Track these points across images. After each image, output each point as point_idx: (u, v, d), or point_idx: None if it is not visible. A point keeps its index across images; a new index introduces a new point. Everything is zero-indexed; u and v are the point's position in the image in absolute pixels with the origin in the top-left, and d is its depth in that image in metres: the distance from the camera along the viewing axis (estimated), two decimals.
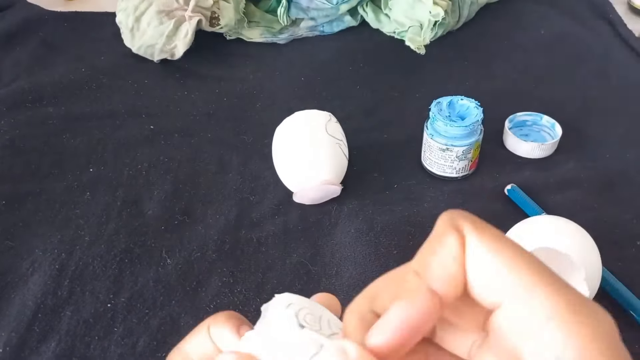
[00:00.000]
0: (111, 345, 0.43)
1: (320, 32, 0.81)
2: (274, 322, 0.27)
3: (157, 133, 0.64)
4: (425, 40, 0.75)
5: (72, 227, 0.52)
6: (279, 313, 0.27)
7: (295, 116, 0.53)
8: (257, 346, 0.27)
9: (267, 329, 0.27)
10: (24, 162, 0.59)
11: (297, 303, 0.28)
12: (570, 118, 0.65)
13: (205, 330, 0.32)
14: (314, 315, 0.28)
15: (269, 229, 0.53)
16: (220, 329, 0.30)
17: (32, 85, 0.70)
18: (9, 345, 0.43)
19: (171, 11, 0.72)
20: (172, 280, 0.48)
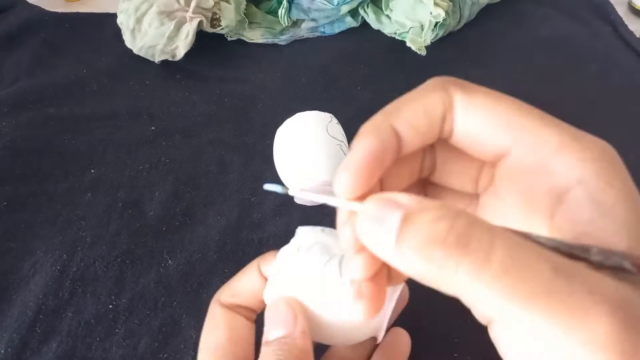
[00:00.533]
0: (112, 347, 0.43)
1: (321, 33, 0.81)
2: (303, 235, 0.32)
3: (158, 134, 0.64)
4: (426, 41, 0.75)
5: (74, 228, 0.52)
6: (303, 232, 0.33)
7: (297, 117, 0.53)
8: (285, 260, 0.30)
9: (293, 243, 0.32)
10: (25, 163, 0.59)
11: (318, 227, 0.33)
12: (571, 119, 0.64)
13: (256, 269, 0.33)
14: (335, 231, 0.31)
15: (270, 230, 0.53)
16: (270, 265, 0.32)
17: (33, 86, 0.70)
18: (10, 347, 0.43)
19: (172, 12, 0.72)
20: (173, 281, 0.48)
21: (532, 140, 0.22)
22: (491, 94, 0.23)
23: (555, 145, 0.21)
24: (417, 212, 0.19)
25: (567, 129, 0.22)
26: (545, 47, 0.79)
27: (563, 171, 0.21)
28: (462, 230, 0.17)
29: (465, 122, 0.23)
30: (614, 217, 0.20)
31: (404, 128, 0.23)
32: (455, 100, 0.23)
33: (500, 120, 0.22)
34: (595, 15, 0.85)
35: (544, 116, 0.22)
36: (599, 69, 0.75)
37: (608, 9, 0.85)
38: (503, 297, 0.17)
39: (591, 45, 0.79)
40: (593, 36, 0.81)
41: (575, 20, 0.84)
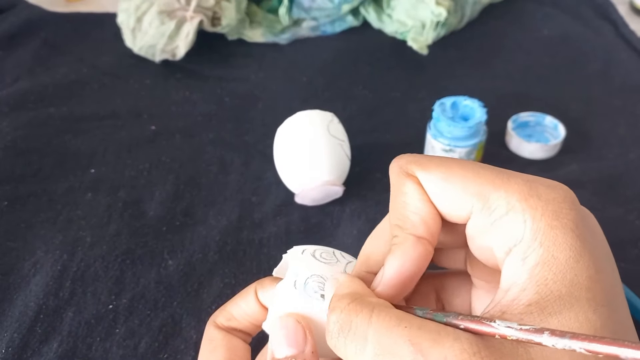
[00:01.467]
0: (113, 347, 0.43)
1: (322, 32, 0.81)
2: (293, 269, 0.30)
3: (158, 133, 0.64)
4: (428, 40, 0.75)
5: (74, 228, 0.52)
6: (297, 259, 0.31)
7: (297, 117, 0.53)
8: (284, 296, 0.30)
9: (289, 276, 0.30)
10: (26, 163, 0.59)
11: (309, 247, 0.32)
12: (573, 118, 0.65)
13: (253, 294, 0.33)
14: (327, 252, 0.32)
15: (270, 230, 0.53)
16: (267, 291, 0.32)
17: (34, 86, 0.70)
18: (11, 346, 0.43)
19: (173, 11, 0.72)
20: (173, 281, 0.48)
21: (485, 205, 0.24)
22: (444, 164, 0.26)
23: (504, 208, 0.23)
24: (333, 298, 0.25)
25: (517, 188, 0.23)
26: (547, 47, 0.79)
27: (509, 231, 0.23)
28: (343, 324, 0.23)
29: (432, 195, 0.26)
30: (533, 275, 0.22)
31: (424, 232, 0.25)
32: (421, 181, 0.26)
33: (456, 190, 0.25)
34: (597, 14, 0.85)
35: (496, 177, 0.24)
36: (600, 68, 0.75)
37: (609, 8, 0.85)
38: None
39: (592, 45, 0.79)
40: (594, 35, 0.81)
41: (577, 20, 0.84)
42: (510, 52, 0.78)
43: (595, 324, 0.21)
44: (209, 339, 0.33)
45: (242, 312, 0.33)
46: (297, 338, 0.28)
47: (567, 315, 0.21)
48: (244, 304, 0.33)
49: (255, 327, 0.34)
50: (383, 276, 0.25)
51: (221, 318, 0.34)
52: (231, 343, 0.32)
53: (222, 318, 0.34)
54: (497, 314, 0.22)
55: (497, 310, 0.22)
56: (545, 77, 0.73)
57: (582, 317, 0.21)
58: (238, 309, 0.33)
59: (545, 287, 0.21)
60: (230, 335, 0.33)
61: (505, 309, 0.22)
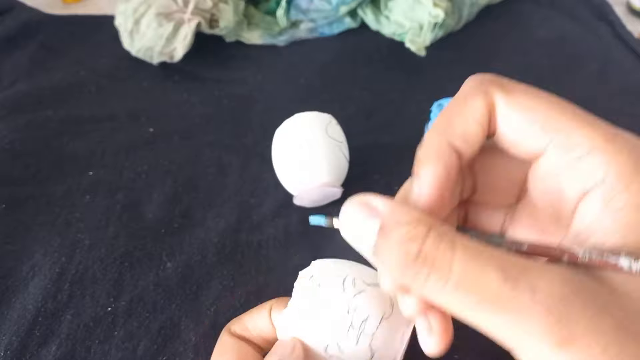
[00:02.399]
0: (112, 349, 0.43)
1: (320, 34, 0.81)
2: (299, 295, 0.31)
3: (156, 136, 0.64)
4: (426, 41, 0.75)
5: (72, 231, 0.52)
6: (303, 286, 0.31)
7: (295, 118, 0.53)
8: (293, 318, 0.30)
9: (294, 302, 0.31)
10: (24, 166, 0.59)
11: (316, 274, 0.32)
12: None
13: (267, 311, 0.34)
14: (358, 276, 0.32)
15: (269, 232, 0.53)
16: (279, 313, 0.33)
17: (32, 88, 0.69)
18: (9, 349, 0.43)
19: (170, 14, 0.72)
20: (172, 283, 0.48)
21: (565, 141, 0.23)
22: (530, 93, 0.24)
23: (587, 147, 0.22)
24: (391, 226, 0.21)
25: (601, 130, 0.23)
26: (544, 48, 0.79)
27: (589, 172, 0.22)
28: (429, 251, 0.20)
29: (506, 122, 0.24)
30: (618, 219, 0.21)
31: (461, 144, 0.24)
32: (497, 102, 0.24)
33: (538, 121, 0.23)
34: (594, 15, 0.85)
35: (581, 116, 0.23)
36: (597, 69, 0.75)
37: (607, 9, 0.86)
38: (459, 305, 0.20)
39: (590, 46, 0.79)
40: (592, 36, 0.81)
41: (574, 21, 0.84)
42: (507, 53, 0.78)
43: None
44: (222, 344, 0.34)
45: (255, 327, 0.34)
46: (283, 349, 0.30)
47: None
48: (258, 319, 0.34)
49: (265, 343, 0.34)
50: (421, 183, 0.24)
51: (236, 327, 0.34)
52: (243, 350, 0.33)
53: (237, 327, 0.34)
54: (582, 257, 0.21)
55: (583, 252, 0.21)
56: (542, 78, 0.73)
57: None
58: (253, 323, 0.34)
59: (633, 232, 0.21)
60: (243, 343, 0.33)
61: None
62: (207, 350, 0.43)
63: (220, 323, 0.44)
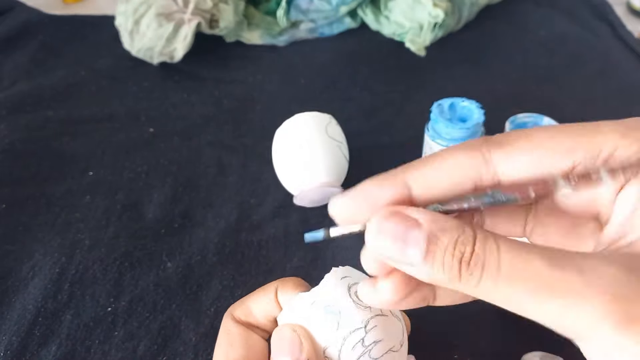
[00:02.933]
0: (112, 349, 0.43)
1: (320, 34, 0.81)
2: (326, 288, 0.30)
3: (156, 136, 0.64)
4: (426, 41, 0.75)
5: (72, 231, 0.52)
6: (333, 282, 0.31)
7: (295, 118, 0.53)
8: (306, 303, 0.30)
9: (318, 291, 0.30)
10: (24, 166, 0.59)
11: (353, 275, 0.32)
12: (571, 119, 0.64)
13: (273, 293, 0.33)
14: None
15: (269, 232, 0.53)
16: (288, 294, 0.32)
17: (32, 88, 0.69)
18: (9, 349, 0.43)
19: (170, 14, 0.72)
20: (172, 283, 0.48)
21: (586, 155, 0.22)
22: (524, 135, 0.24)
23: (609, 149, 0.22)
24: (439, 233, 0.22)
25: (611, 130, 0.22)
26: (544, 48, 0.79)
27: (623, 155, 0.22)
28: (479, 252, 0.21)
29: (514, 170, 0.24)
30: None
31: (415, 185, 0.24)
32: (496, 159, 0.24)
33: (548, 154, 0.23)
34: (594, 15, 0.85)
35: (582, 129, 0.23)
36: (597, 68, 0.75)
37: (606, 9, 0.86)
38: (515, 298, 0.20)
39: (590, 46, 0.79)
40: (592, 36, 0.81)
41: (574, 21, 0.84)
42: (507, 53, 0.78)
43: None
44: (227, 332, 0.33)
45: (260, 310, 0.33)
46: (292, 347, 0.29)
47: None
48: (263, 302, 0.33)
49: (272, 325, 0.33)
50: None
51: (239, 312, 0.34)
52: (250, 340, 0.32)
53: (240, 312, 0.34)
54: (625, 244, 0.21)
55: (627, 241, 0.21)
56: (542, 78, 0.73)
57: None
58: (257, 307, 0.33)
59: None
60: (249, 332, 0.33)
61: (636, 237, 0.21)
62: (207, 350, 0.43)
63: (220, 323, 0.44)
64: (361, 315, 0.29)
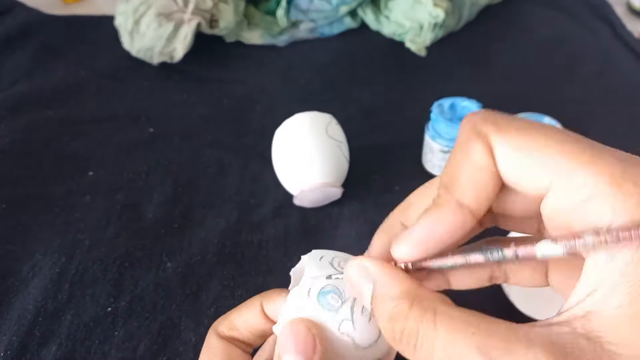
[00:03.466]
0: (112, 349, 0.43)
1: (320, 34, 0.81)
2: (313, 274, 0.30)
3: (156, 136, 0.64)
4: (426, 41, 0.75)
5: (72, 231, 0.52)
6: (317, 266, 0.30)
7: (295, 118, 0.53)
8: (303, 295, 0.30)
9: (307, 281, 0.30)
10: (24, 166, 0.59)
11: (328, 253, 0.32)
12: (571, 119, 0.65)
13: (258, 306, 0.33)
14: (346, 260, 0.31)
15: (269, 232, 0.53)
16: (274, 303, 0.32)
17: (32, 88, 0.69)
18: (9, 349, 0.43)
19: (170, 14, 0.72)
20: (172, 283, 0.48)
21: (567, 183, 0.21)
22: (526, 129, 0.22)
23: (591, 190, 0.20)
24: (379, 299, 0.23)
25: (607, 169, 0.20)
26: (544, 48, 0.79)
27: (597, 217, 0.20)
28: (412, 328, 0.21)
29: (504, 162, 0.23)
30: (625, 274, 0.20)
31: (472, 201, 0.23)
32: (493, 142, 0.23)
33: (536, 161, 0.22)
34: (594, 15, 0.85)
35: (583, 151, 0.21)
36: (597, 68, 0.75)
37: (606, 9, 0.86)
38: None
39: (590, 45, 0.79)
40: (592, 36, 0.81)
41: (574, 21, 0.84)
42: (507, 53, 0.78)
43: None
44: (208, 347, 0.33)
45: (245, 323, 0.33)
46: (306, 346, 0.27)
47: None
48: (248, 315, 0.33)
49: (256, 339, 0.33)
50: (410, 232, 0.23)
51: (223, 327, 0.33)
52: (232, 354, 0.32)
53: (223, 327, 0.33)
54: (580, 313, 0.20)
55: (581, 309, 0.20)
56: (542, 78, 0.73)
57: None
58: (241, 320, 0.33)
59: None
60: (230, 345, 0.32)
61: (592, 308, 0.20)
62: None
63: None
64: None
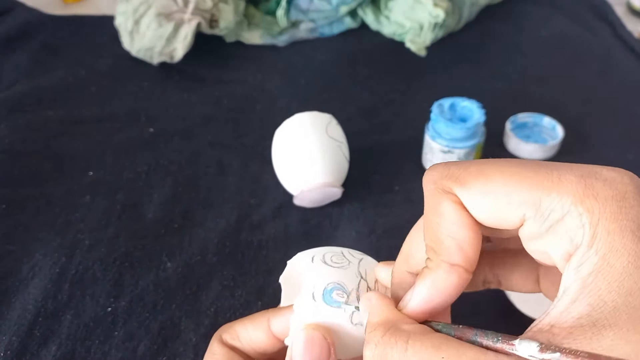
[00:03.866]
0: (112, 349, 0.43)
1: (320, 34, 0.81)
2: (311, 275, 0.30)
3: (156, 136, 0.64)
4: (426, 41, 0.75)
5: (72, 231, 0.52)
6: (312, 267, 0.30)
7: (296, 118, 0.53)
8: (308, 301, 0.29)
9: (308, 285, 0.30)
10: (24, 166, 0.59)
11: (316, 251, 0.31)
12: (571, 119, 0.65)
13: (265, 323, 0.33)
14: (336, 253, 0.31)
15: (269, 232, 0.53)
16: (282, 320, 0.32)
17: (32, 88, 0.69)
18: (9, 349, 0.43)
19: (170, 14, 0.72)
20: (172, 283, 0.48)
21: (536, 212, 0.22)
22: (483, 173, 0.23)
23: (559, 212, 0.21)
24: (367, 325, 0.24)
25: (570, 187, 0.21)
26: (545, 48, 0.79)
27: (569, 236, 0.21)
28: (381, 357, 0.22)
29: (476, 212, 0.23)
30: (585, 286, 0.20)
31: (460, 259, 0.24)
32: (462, 199, 0.23)
33: (504, 202, 0.22)
34: (594, 15, 0.85)
35: (545, 177, 0.22)
36: (598, 68, 0.75)
37: (607, 9, 0.86)
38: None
39: (590, 45, 0.79)
40: (592, 36, 0.81)
41: (574, 21, 0.84)
42: (508, 53, 0.78)
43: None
44: (212, 352, 0.33)
45: (248, 338, 0.33)
46: (321, 355, 0.28)
47: (624, 327, 0.19)
48: (253, 329, 0.33)
49: (257, 355, 0.33)
50: (411, 300, 0.24)
51: (227, 335, 0.33)
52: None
53: (227, 335, 0.33)
54: (545, 326, 0.20)
55: (546, 324, 0.21)
56: (543, 78, 0.73)
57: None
58: (246, 333, 0.33)
59: (598, 297, 0.20)
60: (233, 354, 0.32)
61: (555, 321, 0.20)
62: None
63: (220, 323, 0.44)
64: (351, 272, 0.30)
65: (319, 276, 0.30)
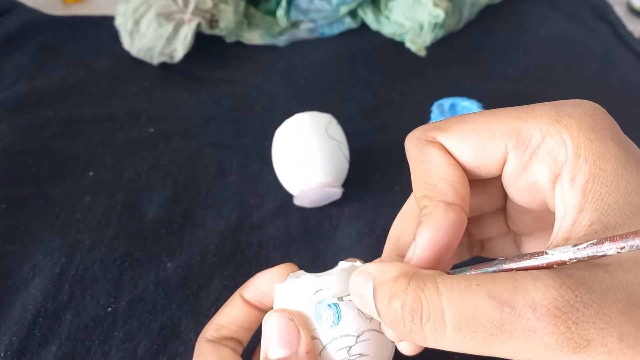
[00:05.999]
0: (112, 350, 0.43)
1: (320, 34, 0.81)
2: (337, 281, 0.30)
3: (156, 136, 0.64)
4: (426, 41, 0.75)
5: (72, 231, 0.52)
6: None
7: (295, 118, 0.53)
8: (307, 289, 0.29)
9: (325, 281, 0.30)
10: (24, 166, 0.59)
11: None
12: None
13: (238, 297, 0.33)
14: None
15: (269, 232, 0.53)
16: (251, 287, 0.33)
17: (32, 89, 0.69)
18: (9, 350, 0.43)
19: (170, 14, 0.72)
20: (172, 284, 0.48)
21: (518, 140, 0.23)
22: (462, 120, 0.24)
23: (539, 136, 0.23)
24: (378, 288, 0.22)
25: (545, 113, 0.23)
26: (545, 48, 0.79)
27: (552, 157, 0.22)
28: (413, 301, 0.20)
29: (460, 155, 0.24)
30: (586, 193, 0.21)
31: (455, 198, 0.24)
32: (445, 144, 0.25)
33: (487, 138, 0.24)
34: (594, 15, 0.85)
35: (518, 113, 0.23)
36: (598, 69, 0.75)
37: (607, 9, 0.86)
38: (469, 347, 0.20)
39: (590, 46, 0.79)
40: (592, 36, 0.81)
41: (574, 21, 0.84)
42: (508, 53, 0.78)
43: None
44: (200, 352, 0.32)
45: (229, 318, 0.33)
46: (289, 338, 0.27)
47: (633, 225, 0.20)
48: (230, 309, 0.33)
49: (245, 332, 0.33)
50: (415, 249, 0.24)
51: (210, 331, 0.33)
52: (222, 354, 0.32)
53: (210, 331, 0.33)
54: (561, 242, 0.21)
55: (560, 239, 0.21)
56: (543, 78, 0.73)
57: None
58: (225, 316, 0.33)
59: (602, 201, 0.20)
60: (220, 347, 0.32)
61: (568, 235, 0.21)
62: None
63: None
64: (359, 323, 0.28)
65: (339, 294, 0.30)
